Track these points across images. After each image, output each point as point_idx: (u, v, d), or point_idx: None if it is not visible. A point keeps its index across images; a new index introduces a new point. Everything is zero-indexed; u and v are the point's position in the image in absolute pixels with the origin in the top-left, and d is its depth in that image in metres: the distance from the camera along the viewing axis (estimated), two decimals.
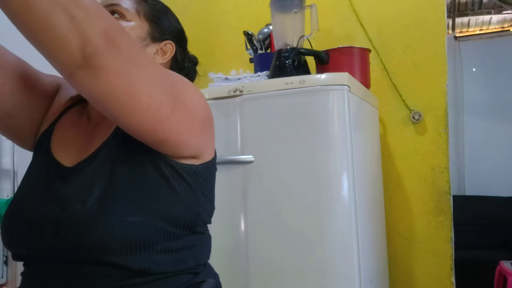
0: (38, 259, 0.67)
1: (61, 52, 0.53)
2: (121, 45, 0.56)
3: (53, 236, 0.64)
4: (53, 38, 0.53)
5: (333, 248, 1.21)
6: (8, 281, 1.54)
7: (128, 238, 0.62)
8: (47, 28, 0.52)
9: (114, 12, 0.80)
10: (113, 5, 0.80)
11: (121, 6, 0.80)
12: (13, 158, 1.60)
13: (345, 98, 1.25)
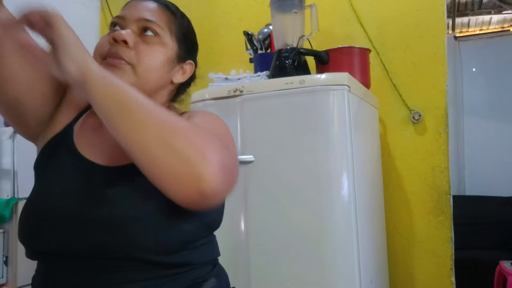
0: (70, 256, 0.67)
1: (179, 194, 0.60)
2: (232, 172, 0.64)
3: (98, 235, 0.65)
4: (171, 182, 0.59)
5: (333, 248, 1.21)
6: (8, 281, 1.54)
7: (179, 242, 0.69)
8: (164, 172, 0.59)
9: (148, 29, 0.76)
10: (148, 21, 0.76)
11: (157, 24, 0.77)
12: (13, 158, 1.60)
13: (345, 98, 1.25)
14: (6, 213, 1.54)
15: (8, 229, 1.56)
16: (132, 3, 0.79)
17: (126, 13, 0.77)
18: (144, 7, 0.78)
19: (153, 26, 0.77)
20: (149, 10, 0.78)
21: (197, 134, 0.62)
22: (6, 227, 1.56)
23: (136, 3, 0.79)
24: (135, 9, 0.78)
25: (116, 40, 0.74)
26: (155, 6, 0.79)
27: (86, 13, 2.41)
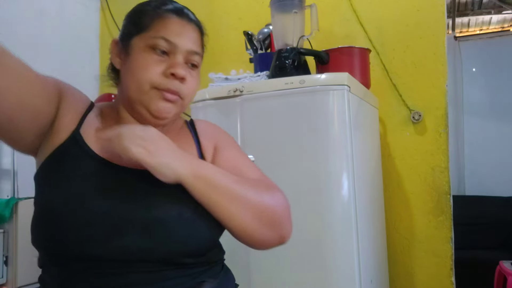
0: (106, 260, 0.69)
1: (262, 248, 0.82)
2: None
3: (142, 238, 0.69)
4: (258, 244, 0.81)
5: (333, 248, 1.21)
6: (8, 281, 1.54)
7: (205, 246, 0.77)
8: (254, 238, 0.79)
9: (194, 61, 0.81)
10: (196, 55, 0.81)
11: (200, 55, 0.83)
12: (13, 158, 1.60)
13: (345, 98, 1.25)
14: (6, 213, 1.53)
15: (8, 229, 1.56)
16: (181, 29, 0.80)
17: (179, 42, 0.78)
18: (192, 37, 0.81)
19: (198, 58, 0.82)
20: (195, 40, 0.82)
21: (273, 200, 0.79)
22: (6, 227, 1.56)
23: (184, 30, 0.80)
24: (186, 40, 0.79)
25: (176, 76, 0.77)
26: (197, 34, 0.83)
27: (86, 13, 2.41)
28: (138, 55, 0.78)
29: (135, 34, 0.80)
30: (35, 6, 2.10)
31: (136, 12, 0.84)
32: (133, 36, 0.80)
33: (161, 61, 0.77)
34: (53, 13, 2.19)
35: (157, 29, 0.78)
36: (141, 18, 0.81)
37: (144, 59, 0.77)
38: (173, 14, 0.80)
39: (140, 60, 0.77)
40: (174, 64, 0.77)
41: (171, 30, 0.78)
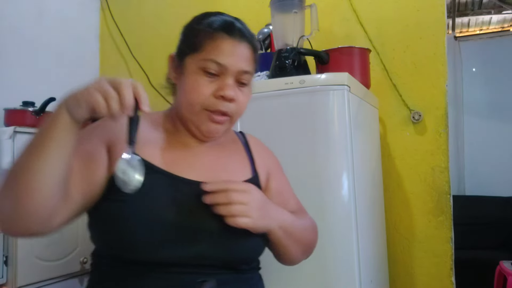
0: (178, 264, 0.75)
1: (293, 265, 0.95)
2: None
3: (211, 247, 0.77)
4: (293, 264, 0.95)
5: (333, 248, 1.21)
6: (8, 281, 1.54)
7: (259, 253, 0.87)
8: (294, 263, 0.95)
9: (244, 80, 0.83)
10: (246, 74, 0.83)
11: (251, 73, 0.85)
12: (13, 158, 1.60)
13: (345, 98, 1.25)
14: None
15: None
16: (231, 50, 0.81)
17: (229, 64, 0.80)
18: (243, 57, 0.83)
19: (249, 77, 0.84)
20: (246, 58, 0.83)
21: (315, 233, 0.97)
22: None
23: (235, 51, 0.82)
24: (236, 60, 0.81)
25: (225, 99, 0.80)
26: (249, 52, 0.84)
27: (86, 13, 2.40)
28: (190, 76, 0.81)
29: (188, 54, 0.83)
30: (35, 6, 2.10)
31: (189, 30, 0.86)
32: (186, 55, 0.83)
33: (211, 82, 0.81)
34: (53, 13, 2.18)
35: (208, 50, 0.81)
36: (194, 37, 0.83)
37: (196, 81, 0.81)
38: (224, 32, 0.82)
39: (192, 82, 0.81)
40: (223, 86, 0.80)
41: (222, 52, 0.80)
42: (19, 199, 0.67)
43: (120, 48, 2.41)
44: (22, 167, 0.67)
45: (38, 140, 0.68)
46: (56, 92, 1.89)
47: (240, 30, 0.84)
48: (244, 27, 0.86)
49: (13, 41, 1.99)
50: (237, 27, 0.84)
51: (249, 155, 0.95)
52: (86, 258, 1.75)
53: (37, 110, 1.77)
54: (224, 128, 0.85)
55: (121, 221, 0.75)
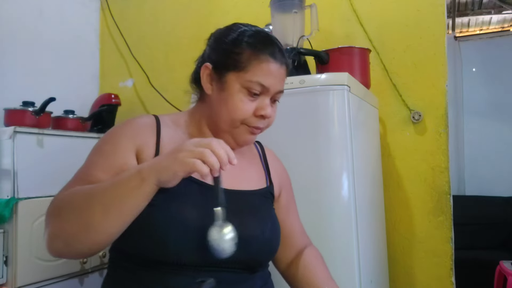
0: (200, 265, 0.79)
1: None
2: None
3: (234, 250, 0.78)
4: None
5: (333, 248, 1.21)
6: (8, 281, 1.54)
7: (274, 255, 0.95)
8: None
9: (276, 99, 0.91)
10: (281, 93, 0.90)
11: (283, 92, 0.92)
12: (13, 158, 1.60)
13: (345, 98, 1.25)
14: (6, 213, 1.53)
15: (8, 229, 1.56)
16: (275, 74, 0.86)
17: (271, 87, 0.86)
18: (282, 78, 0.89)
19: (281, 96, 0.92)
20: (283, 79, 0.90)
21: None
22: (6, 227, 1.56)
23: (278, 74, 0.87)
24: (277, 82, 0.87)
25: (264, 118, 0.88)
26: (286, 74, 0.91)
27: (86, 13, 2.40)
28: (234, 94, 0.85)
29: (231, 70, 0.85)
30: (35, 6, 2.10)
31: (232, 44, 0.87)
32: (228, 71, 0.85)
33: (253, 101, 0.86)
34: (53, 13, 2.18)
35: (254, 72, 0.84)
36: (237, 55, 0.85)
37: (240, 101, 0.85)
38: (269, 56, 0.85)
39: (236, 100, 0.85)
40: (264, 106, 0.87)
41: (267, 75, 0.85)
42: (86, 239, 0.72)
43: (120, 48, 2.41)
44: (97, 216, 0.71)
45: (118, 199, 0.71)
46: (56, 92, 1.90)
47: (281, 52, 0.89)
48: (281, 46, 0.91)
49: (13, 41, 1.99)
50: (278, 48, 0.88)
51: (265, 166, 1.01)
52: (86, 258, 1.75)
53: (37, 110, 1.77)
54: (255, 138, 0.93)
55: (150, 224, 0.77)
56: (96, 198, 0.72)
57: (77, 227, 0.72)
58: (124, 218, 0.72)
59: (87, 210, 0.72)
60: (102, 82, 2.45)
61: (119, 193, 0.71)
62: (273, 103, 0.91)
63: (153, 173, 0.71)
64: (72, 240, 0.73)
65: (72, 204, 0.74)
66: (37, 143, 1.68)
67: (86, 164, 0.85)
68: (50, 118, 1.86)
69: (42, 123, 1.78)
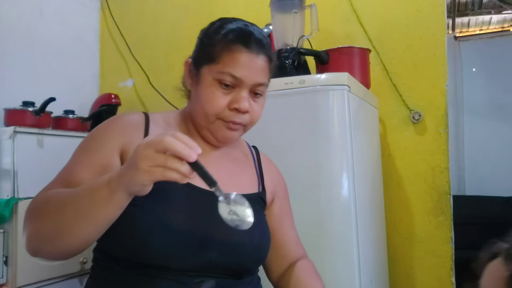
0: (187, 270, 0.77)
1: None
2: None
3: (220, 256, 0.79)
4: None
5: (333, 248, 1.21)
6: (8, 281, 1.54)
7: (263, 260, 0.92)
8: None
9: (259, 91, 0.85)
10: (261, 85, 0.85)
11: (266, 85, 0.86)
12: (13, 158, 1.60)
13: (345, 98, 1.25)
14: (6, 213, 1.53)
15: (8, 229, 1.56)
16: (248, 64, 0.82)
17: (244, 77, 0.81)
18: (259, 70, 0.83)
19: (263, 88, 0.86)
20: (262, 71, 0.84)
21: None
22: (6, 227, 1.56)
23: (252, 65, 0.82)
24: (252, 73, 0.82)
25: (239, 111, 0.83)
26: (265, 64, 0.85)
27: (86, 13, 2.40)
28: (206, 87, 0.83)
29: (205, 64, 0.83)
30: (35, 6, 2.10)
31: (207, 38, 0.86)
32: (203, 65, 0.84)
33: (227, 94, 0.82)
34: (53, 13, 2.18)
35: (224, 62, 0.81)
36: (211, 47, 0.83)
37: (212, 93, 0.82)
38: (241, 45, 0.81)
39: (208, 93, 0.82)
40: (238, 99, 0.82)
41: (238, 65, 0.81)
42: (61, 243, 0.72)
43: (120, 48, 2.41)
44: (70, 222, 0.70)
45: (89, 208, 0.69)
46: (56, 92, 1.90)
47: (258, 42, 0.83)
48: (262, 37, 0.86)
49: (13, 41, 1.99)
50: (254, 38, 0.83)
51: (259, 171, 0.98)
52: (86, 258, 1.75)
53: (37, 110, 1.77)
54: (238, 135, 0.89)
55: (133, 225, 0.76)
56: (69, 205, 0.70)
57: (51, 231, 0.71)
58: (97, 225, 0.70)
59: (61, 215, 0.70)
60: (102, 82, 2.45)
61: (91, 202, 0.69)
62: (255, 97, 0.86)
63: (121, 185, 0.67)
64: (47, 243, 0.73)
65: (48, 208, 0.73)
66: (37, 143, 1.68)
67: (71, 162, 0.83)
68: (50, 118, 1.86)
69: (42, 123, 1.78)
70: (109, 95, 2.09)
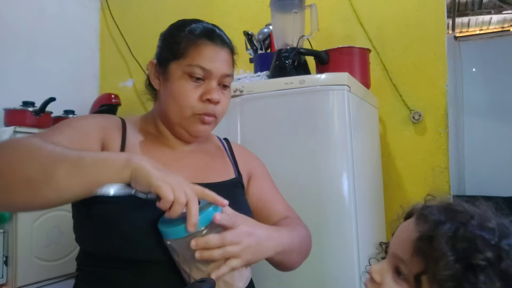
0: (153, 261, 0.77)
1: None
2: None
3: None
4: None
5: (333, 248, 1.21)
6: (8, 281, 1.54)
7: None
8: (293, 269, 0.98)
9: (226, 83, 0.89)
10: (228, 77, 0.89)
11: (231, 77, 0.90)
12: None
13: (345, 98, 1.25)
14: (6, 213, 1.53)
15: (8, 229, 1.56)
16: (214, 55, 0.86)
17: (213, 68, 0.85)
18: (225, 61, 0.88)
19: (230, 80, 0.90)
20: (228, 63, 0.89)
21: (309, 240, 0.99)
22: (6, 227, 1.56)
23: (218, 56, 0.87)
24: (219, 65, 0.86)
25: (212, 102, 0.86)
26: (229, 56, 0.90)
27: (86, 13, 2.41)
28: (176, 82, 0.85)
29: (172, 60, 0.86)
30: (35, 6, 2.10)
31: (171, 37, 0.90)
32: (170, 62, 0.87)
33: (197, 86, 0.85)
34: (53, 13, 2.18)
35: (192, 56, 0.85)
36: (177, 44, 0.87)
37: (183, 86, 0.85)
38: (206, 39, 0.86)
39: (179, 86, 0.85)
40: (209, 90, 0.85)
41: (206, 57, 0.85)
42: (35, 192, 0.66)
43: (120, 48, 2.41)
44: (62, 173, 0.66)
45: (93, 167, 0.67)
46: (56, 92, 1.90)
47: (221, 36, 0.89)
48: (223, 33, 0.92)
49: (13, 41, 1.99)
50: (217, 33, 0.89)
51: (232, 159, 1.01)
52: None
53: (37, 110, 1.77)
54: (210, 128, 0.91)
55: (116, 221, 0.76)
56: (69, 158, 0.67)
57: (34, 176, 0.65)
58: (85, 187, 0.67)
59: (53, 164, 0.66)
60: (102, 82, 2.45)
61: (98, 165, 0.67)
62: (223, 89, 0.89)
63: (137, 170, 0.68)
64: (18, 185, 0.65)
65: (36, 152, 0.67)
66: None
67: (53, 132, 0.81)
68: (50, 118, 1.86)
69: (42, 123, 1.78)
70: (109, 95, 2.09)
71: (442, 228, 0.56)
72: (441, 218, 0.58)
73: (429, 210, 0.61)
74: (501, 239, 0.55)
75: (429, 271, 0.55)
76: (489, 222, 0.57)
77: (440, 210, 0.60)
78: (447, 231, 0.56)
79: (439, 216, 0.59)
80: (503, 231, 0.57)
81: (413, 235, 0.60)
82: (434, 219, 0.58)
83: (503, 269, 0.53)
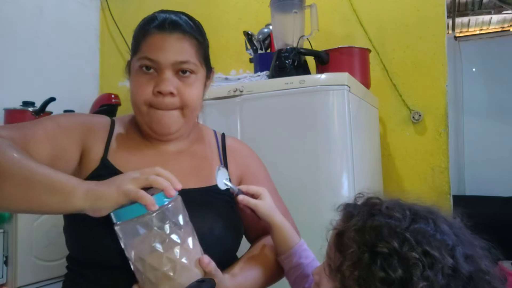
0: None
1: None
2: None
3: None
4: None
5: None
6: (8, 281, 1.54)
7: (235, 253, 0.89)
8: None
9: (185, 70, 0.81)
10: (183, 63, 0.81)
11: (191, 62, 0.82)
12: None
13: (345, 98, 1.25)
14: (6, 213, 1.53)
15: (8, 229, 1.56)
16: (161, 44, 0.80)
17: (160, 58, 0.80)
18: (175, 48, 0.81)
19: (189, 66, 0.82)
20: (180, 49, 0.81)
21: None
22: (6, 227, 1.56)
23: (165, 44, 0.80)
24: (167, 53, 0.80)
25: (162, 93, 0.80)
26: (184, 41, 0.82)
27: (86, 13, 2.40)
28: (133, 77, 0.83)
29: (132, 56, 0.85)
30: (35, 6, 2.10)
31: (133, 33, 0.87)
32: (132, 59, 0.85)
33: (150, 79, 0.81)
34: (53, 13, 2.18)
35: (142, 49, 0.82)
36: (134, 40, 0.85)
37: (137, 81, 0.82)
38: (155, 29, 0.81)
39: (134, 81, 0.83)
40: (158, 82, 0.80)
41: (152, 47, 0.80)
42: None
43: (120, 48, 2.41)
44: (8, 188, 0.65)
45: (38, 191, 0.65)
46: (56, 92, 1.90)
47: (172, 22, 0.82)
48: (179, 18, 0.84)
49: (13, 40, 1.99)
50: (169, 20, 0.82)
51: (223, 160, 0.93)
52: None
53: (37, 110, 1.77)
54: (177, 124, 0.84)
55: (83, 227, 0.75)
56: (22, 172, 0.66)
57: None
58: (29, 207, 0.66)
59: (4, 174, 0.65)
60: (102, 82, 2.45)
61: (45, 187, 0.65)
62: (184, 77, 0.82)
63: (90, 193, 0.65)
64: None
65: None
66: None
67: (35, 122, 0.80)
68: None
69: None
70: (109, 95, 2.09)
71: (351, 222, 0.60)
72: (353, 212, 0.62)
73: (348, 207, 0.66)
74: (410, 225, 0.59)
75: (344, 263, 0.58)
76: (397, 211, 0.61)
77: (358, 206, 0.64)
78: (355, 224, 0.60)
79: (352, 211, 0.62)
80: (413, 218, 0.62)
81: (334, 231, 0.65)
82: (346, 215, 0.63)
83: (403, 256, 0.54)
